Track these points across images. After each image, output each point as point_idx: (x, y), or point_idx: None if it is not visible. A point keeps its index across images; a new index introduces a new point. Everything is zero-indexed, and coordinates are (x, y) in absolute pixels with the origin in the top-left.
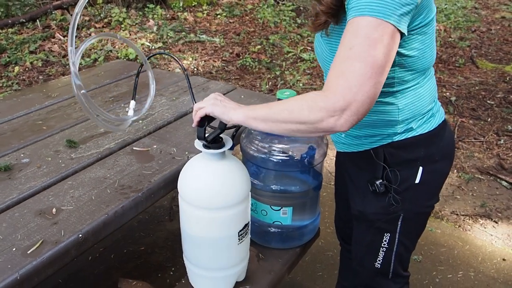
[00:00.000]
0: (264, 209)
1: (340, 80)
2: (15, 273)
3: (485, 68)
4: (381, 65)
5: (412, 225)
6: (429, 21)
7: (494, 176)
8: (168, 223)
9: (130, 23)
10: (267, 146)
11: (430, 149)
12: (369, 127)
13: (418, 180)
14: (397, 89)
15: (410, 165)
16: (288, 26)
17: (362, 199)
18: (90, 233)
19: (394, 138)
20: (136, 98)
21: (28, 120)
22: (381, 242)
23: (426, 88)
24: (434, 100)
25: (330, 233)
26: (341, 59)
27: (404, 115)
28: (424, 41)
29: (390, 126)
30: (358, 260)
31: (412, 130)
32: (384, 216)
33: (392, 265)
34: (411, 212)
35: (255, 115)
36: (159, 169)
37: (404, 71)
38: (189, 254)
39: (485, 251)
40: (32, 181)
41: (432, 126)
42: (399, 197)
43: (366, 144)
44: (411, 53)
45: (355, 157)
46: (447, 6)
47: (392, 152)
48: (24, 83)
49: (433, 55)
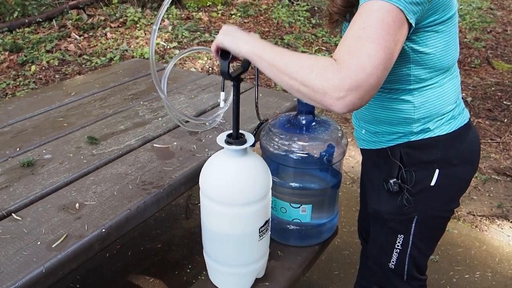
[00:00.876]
0: (284, 206)
1: (354, 58)
2: (40, 266)
3: (501, 69)
4: (392, 52)
5: (428, 229)
6: (447, 19)
7: (511, 177)
8: (184, 221)
9: (145, 23)
10: (287, 144)
11: (448, 152)
12: (385, 123)
13: (433, 183)
14: (414, 87)
15: (426, 167)
16: (302, 26)
17: (377, 198)
18: (113, 228)
19: (411, 137)
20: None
21: (49, 117)
22: (395, 243)
23: (446, 88)
24: (455, 101)
25: (346, 232)
26: (353, 37)
27: (421, 113)
28: (441, 39)
29: (406, 124)
30: (373, 259)
31: (430, 131)
32: (397, 216)
33: (406, 267)
34: (426, 215)
35: (262, 55)
36: (179, 165)
37: (421, 68)
38: (210, 250)
39: (503, 251)
40: (55, 176)
41: (452, 128)
42: (413, 198)
43: (384, 142)
44: (426, 50)
45: (373, 155)
46: (462, 6)
47: (409, 152)
48: (41, 82)
49: (454, 54)
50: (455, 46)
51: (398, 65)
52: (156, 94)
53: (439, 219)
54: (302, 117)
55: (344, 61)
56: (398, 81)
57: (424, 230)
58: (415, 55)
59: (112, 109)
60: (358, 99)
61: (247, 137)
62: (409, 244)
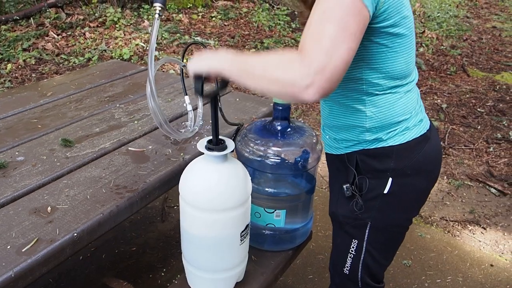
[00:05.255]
0: (258, 211)
1: (315, 43)
2: (9, 271)
3: (475, 76)
4: (353, 32)
5: (383, 237)
6: (400, 34)
7: (483, 183)
8: (160, 224)
9: (124, 23)
10: (262, 149)
11: (402, 162)
12: (343, 130)
13: (386, 191)
14: (367, 95)
15: (380, 175)
16: (282, 30)
17: (336, 201)
18: (85, 232)
19: (365, 146)
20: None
21: (23, 118)
22: (349, 248)
23: (400, 99)
24: (410, 112)
25: (321, 236)
26: (315, 22)
27: (372, 123)
28: (394, 46)
29: (359, 132)
30: (331, 263)
31: (382, 140)
32: (352, 221)
33: (359, 273)
34: (381, 222)
35: (231, 65)
36: (154, 169)
37: (373, 72)
38: (190, 256)
39: (474, 256)
40: (27, 179)
41: (406, 139)
42: (366, 205)
43: (342, 148)
44: (379, 48)
45: (335, 160)
46: (440, 14)
47: (364, 159)
48: (17, 81)
49: (408, 62)
50: (410, 54)
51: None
52: (132, 96)
53: (394, 228)
54: (278, 122)
55: (306, 49)
56: (352, 89)
57: (379, 237)
58: (367, 53)
59: (88, 111)
60: (326, 82)
61: (227, 143)
62: (363, 250)
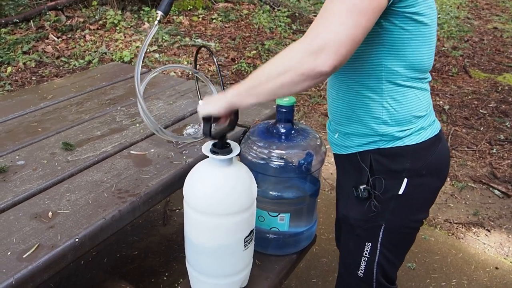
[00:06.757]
0: (262, 215)
1: (320, 21)
2: (10, 277)
3: (477, 77)
4: (361, 8)
5: (396, 238)
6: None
7: (486, 184)
8: (162, 228)
9: (125, 26)
10: (265, 152)
11: (417, 162)
12: (354, 122)
13: (401, 191)
14: (385, 84)
15: (395, 175)
16: (283, 32)
17: (346, 203)
18: (87, 237)
19: (381, 145)
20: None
21: (23, 122)
22: (363, 251)
23: (418, 93)
24: (426, 110)
25: (324, 239)
26: (324, 6)
27: (389, 115)
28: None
29: (375, 124)
30: (343, 266)
31: (399, 139)
32: (364, 223)
33: (374, 275)
34: (394, 224)
35: (244, 86)
36: (156, 173)
37: (393, 59)
38: (193, 260)
39: (478, 259)
40: (28, 183)
41: (421, 139)
42: (381, 206)
43: (354, 146)
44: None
45: (344, 160)
46: (441, 15)
47: (379, 159)
48: (17, 84)
49: (429, 56)
50: (432, 48)
51: (369, 48)
52: (133, 99)
53: (407, 229)
54: (281, 125)
55: (311, 28)
56: (369, 76)
57: (392, 239)
58: (389, 38)
59: (89, 114)
60: (333, 54)
61: (233, 147)
62: (377, 253)
